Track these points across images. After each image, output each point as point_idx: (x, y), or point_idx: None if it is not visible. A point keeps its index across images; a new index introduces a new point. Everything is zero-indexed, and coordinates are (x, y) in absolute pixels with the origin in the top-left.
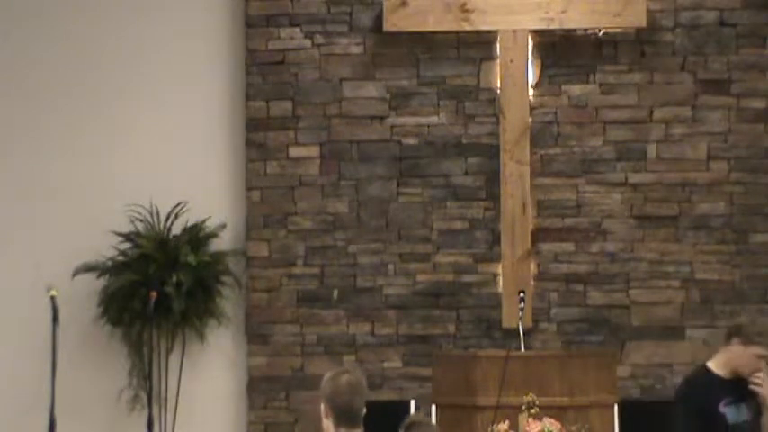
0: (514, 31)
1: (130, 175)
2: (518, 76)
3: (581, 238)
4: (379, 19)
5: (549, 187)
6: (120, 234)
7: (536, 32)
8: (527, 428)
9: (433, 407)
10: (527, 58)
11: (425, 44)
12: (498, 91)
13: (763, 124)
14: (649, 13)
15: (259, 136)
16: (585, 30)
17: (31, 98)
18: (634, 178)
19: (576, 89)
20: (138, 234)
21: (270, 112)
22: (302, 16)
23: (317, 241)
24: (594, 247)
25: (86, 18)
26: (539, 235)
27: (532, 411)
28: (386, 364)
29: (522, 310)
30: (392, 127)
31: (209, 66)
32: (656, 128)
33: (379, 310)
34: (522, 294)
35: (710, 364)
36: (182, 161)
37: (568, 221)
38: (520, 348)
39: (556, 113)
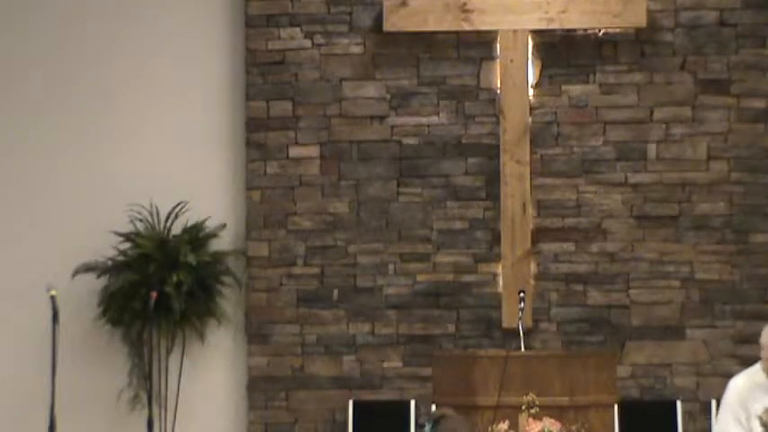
0: (514, 31)
1: (130, 175)
2: (518, 76)
3: (581, 238)
4: (379, 19)
5: (549, 187)
6: (120, 234)
7: (536, 32)
8: (527, 428)
9: (433, 407)
10: (527, 58)
11: (425, 44)
12: (498, 91)
13: (763, 124)
14: (649, 13)
15: (259, 136)
16: (585, 30)
17: (31, 98)
18: (634, 178)
19: (576, 89)
20: (138, 234)
21: (270, 112)
22: (302, 16)
23: (317, 241)
24: (594, 247)
25: (86, 18)
26: (539, 235)
27: (532, 411)
28: (386, 364)
29: (522, 310)
30: (392, 127)
31: (209, 66)
32: (656, 128)
33: (379, 310)
34: (522, 294)
35: None
36: (182, 161)
37: (568, 221)
38: (520, 348)
39: (556, 113)
